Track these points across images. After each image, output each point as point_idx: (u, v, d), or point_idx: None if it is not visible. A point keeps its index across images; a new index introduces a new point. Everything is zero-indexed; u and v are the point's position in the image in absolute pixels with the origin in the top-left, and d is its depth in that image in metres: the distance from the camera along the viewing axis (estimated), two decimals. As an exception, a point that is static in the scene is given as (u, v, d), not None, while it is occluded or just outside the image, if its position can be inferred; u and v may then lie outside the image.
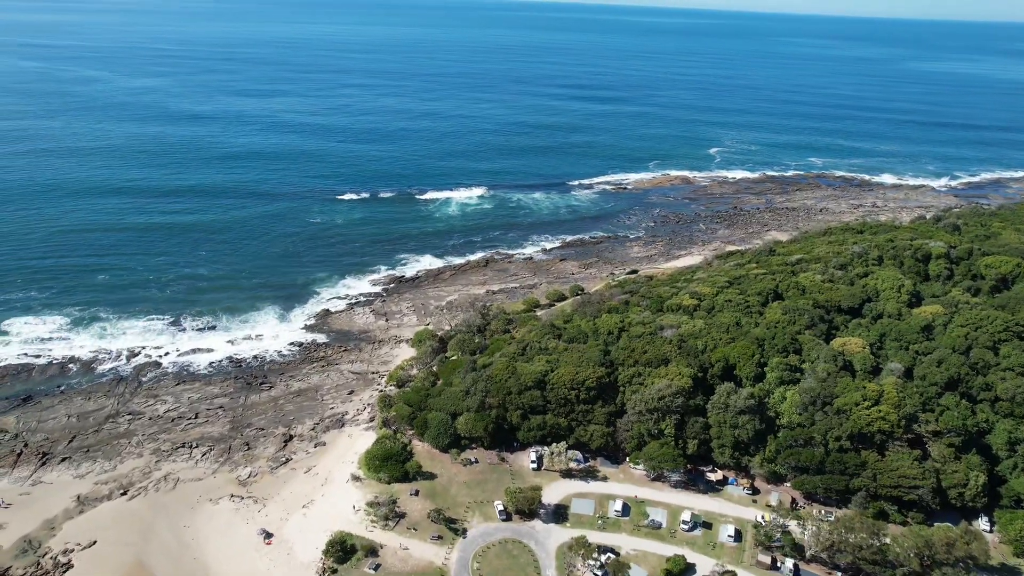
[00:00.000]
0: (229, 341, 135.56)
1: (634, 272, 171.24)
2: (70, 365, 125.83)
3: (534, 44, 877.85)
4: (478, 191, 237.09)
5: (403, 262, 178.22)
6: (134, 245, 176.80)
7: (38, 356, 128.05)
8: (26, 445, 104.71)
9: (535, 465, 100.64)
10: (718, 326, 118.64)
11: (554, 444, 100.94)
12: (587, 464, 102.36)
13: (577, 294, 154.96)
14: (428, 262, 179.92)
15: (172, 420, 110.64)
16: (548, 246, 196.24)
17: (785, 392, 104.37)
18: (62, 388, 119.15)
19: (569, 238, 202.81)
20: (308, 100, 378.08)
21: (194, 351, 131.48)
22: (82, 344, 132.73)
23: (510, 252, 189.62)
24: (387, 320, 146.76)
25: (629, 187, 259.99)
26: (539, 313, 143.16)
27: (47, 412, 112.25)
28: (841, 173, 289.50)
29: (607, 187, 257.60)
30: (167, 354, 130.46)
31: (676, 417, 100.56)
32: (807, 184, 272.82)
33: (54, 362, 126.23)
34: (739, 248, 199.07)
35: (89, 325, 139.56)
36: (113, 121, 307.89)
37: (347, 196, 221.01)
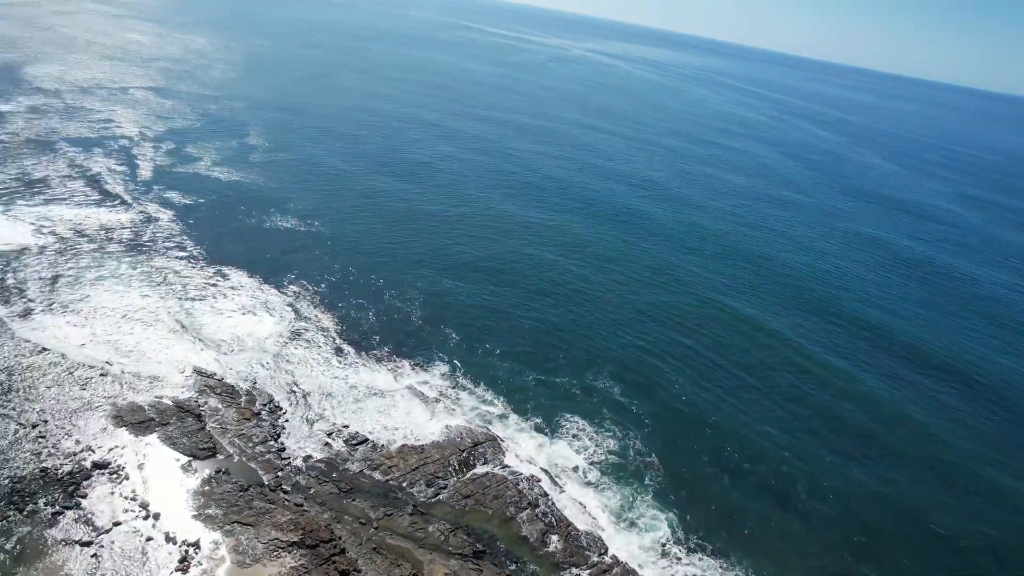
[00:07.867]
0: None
1: None
2: (551, 536, 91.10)
3: None
4: None
5: None
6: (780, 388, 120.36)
7: (546, 495, 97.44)
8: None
9: None
10: None
11: None
12: None
13: None
14: None
15: None
16: None
17: None
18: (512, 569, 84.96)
19: None
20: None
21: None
22: (589, 508, 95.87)
23: None
24: None
25: None
26: None
27: None
28: None
29: None
30: (656, 612, 78.68)
31: None
32: None
33: (551, 527, 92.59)
34: None
35: (623, 483, 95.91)
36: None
37: None
